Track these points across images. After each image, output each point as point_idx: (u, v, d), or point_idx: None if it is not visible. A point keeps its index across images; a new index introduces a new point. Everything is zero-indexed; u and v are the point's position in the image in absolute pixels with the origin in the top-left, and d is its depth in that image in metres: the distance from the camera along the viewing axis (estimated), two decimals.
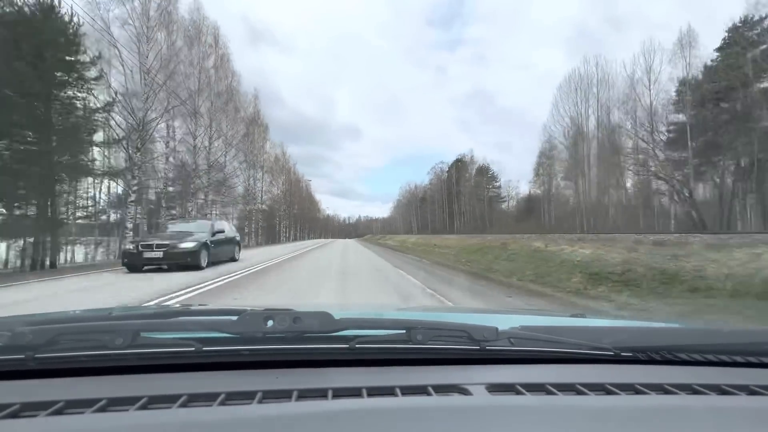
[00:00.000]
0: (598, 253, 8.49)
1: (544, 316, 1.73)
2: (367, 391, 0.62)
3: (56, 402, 0.56)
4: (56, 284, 7.69)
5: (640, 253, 7.75)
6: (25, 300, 5.87)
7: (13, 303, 5.69)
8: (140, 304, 5.13)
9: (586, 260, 8.19)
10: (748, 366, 0.81)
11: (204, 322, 0.88)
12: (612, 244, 9.64)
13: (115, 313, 1.11)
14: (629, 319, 2.07)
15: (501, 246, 13.27)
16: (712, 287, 5.56)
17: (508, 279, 8.44)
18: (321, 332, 0.73)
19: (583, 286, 6.86)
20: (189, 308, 1.31)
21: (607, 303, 5.68)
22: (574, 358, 0.81)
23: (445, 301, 5.92)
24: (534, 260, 9.78)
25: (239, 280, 8.04)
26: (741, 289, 5.27)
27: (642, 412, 0.58)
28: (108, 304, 5.00)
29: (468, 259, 12.93)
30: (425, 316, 1.35)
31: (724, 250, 6.91)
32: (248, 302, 5.64)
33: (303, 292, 6.57)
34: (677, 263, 6.58)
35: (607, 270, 7.16)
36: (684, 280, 5.97)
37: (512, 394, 0.64)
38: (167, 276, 8.43)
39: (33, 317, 1.10)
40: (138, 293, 6.15)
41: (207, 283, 7.39)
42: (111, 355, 0.68)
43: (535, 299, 6.17)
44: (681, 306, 5.19)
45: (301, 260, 13.76)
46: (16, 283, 7.88)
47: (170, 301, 5.49)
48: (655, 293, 5.82)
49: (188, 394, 0.59)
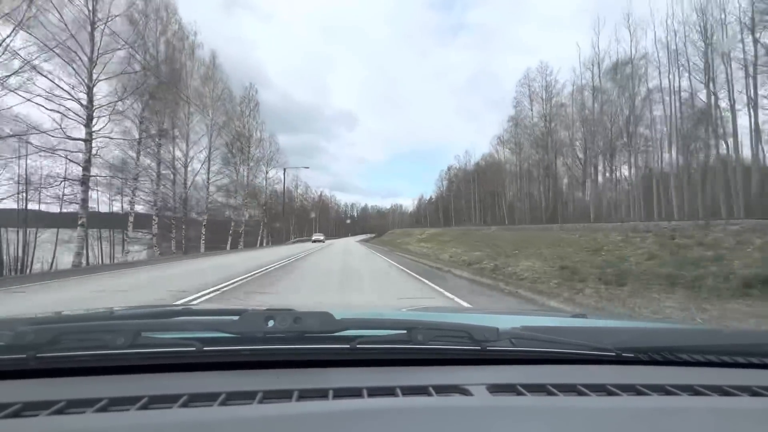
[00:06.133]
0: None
1: (545, 316, 1.73)
2: (367, 392, 0.62)
3: (57, 401, 0.56)
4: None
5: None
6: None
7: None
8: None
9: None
10: (750, 367, 0.80)
11: (205, 322, 0.88)
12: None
13: (117, 312, 1.11)
14: (630, 320, 2.07)
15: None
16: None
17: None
18: (322, 332, 0.73)
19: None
20: (190, 308, 1.31)
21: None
22: (575, 359, 0.81)
23: None
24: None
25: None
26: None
27: (643, 412, 0.58)
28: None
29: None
30: (426, 317, 1.35)
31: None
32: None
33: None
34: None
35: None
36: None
37: (513, 394, 0.64)
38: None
39: (35, 317, 1.10)
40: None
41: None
42: (112, 355, 0.68)
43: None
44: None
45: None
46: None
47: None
48: None
49: (189, 394, 0.59)
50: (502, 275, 9.44)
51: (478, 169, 57.69)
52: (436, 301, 5.96)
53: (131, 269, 11.23)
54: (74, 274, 10.09)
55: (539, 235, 18.22)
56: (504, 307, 5.56)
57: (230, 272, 9.31)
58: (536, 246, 13.88)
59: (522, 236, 19.16)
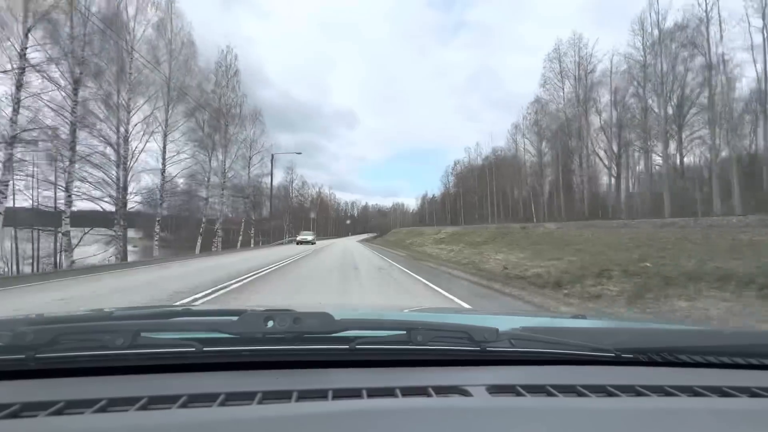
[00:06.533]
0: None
1: (545, 317, 1.73)
2: (367, 392, 0.62)
3: (56, 402, 0.56)
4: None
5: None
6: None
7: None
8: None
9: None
10: (750, 368, 0.80)
11: (204, 323, 0.88)
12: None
13: (116, 313, 1.11)
14: (630, 321, 2.07)
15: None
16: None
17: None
18: (321, 333, 0.73)
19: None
20: (190, 308, 1.31)
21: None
22: (574, 360, 0.81)
23: None
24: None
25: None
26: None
27: (643, 413, 0.58)
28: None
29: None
30: (426, 317, 1.35)
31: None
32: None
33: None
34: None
35: None
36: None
37: (513, 395, 0.64)
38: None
39: (34, 317, 1.10)
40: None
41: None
42: (111, 356, 0.68)
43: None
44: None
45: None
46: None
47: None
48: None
49: (188, 395, 0.59)
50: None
51: (496, 160, 52.24)
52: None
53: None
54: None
55: (639, 235, 12.11)
56: (504, 307, 5.56)
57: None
58: (679, 253, 7.73)
59: (610, 236, 13.06)
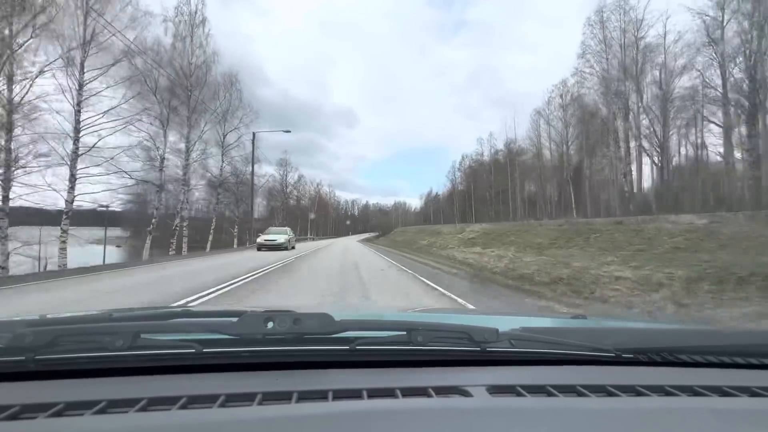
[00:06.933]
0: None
1: (545, 317, 1.73)
2: (367, 393, 0.61)
3: (56, 404, 0.56)
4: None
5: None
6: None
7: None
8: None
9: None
10: (749, 367, 0.80)
11: (204, 324, 0.88)
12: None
13: (116, 314, 1.11)
14: (630, 321, 2.08)
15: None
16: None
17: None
18: (321, 334, 0.73)
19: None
20: (189, 310, 1.31)
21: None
22: (574, 360, 0.81)
23: None
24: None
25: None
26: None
27: (643, 413, 0.58)
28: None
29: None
30: (426, 318, 1.35)
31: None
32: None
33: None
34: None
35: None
36: None
37: (513, 395, 0.64)
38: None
39: (33, 319, 1.10)
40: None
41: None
42: (111, 357, 0.68)
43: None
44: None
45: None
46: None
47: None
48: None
49: (188, 396, 0.59)
50: None
51: (519, 151, 43.88)
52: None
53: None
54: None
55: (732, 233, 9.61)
56: (504, 308, 5.56)
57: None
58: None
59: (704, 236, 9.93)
